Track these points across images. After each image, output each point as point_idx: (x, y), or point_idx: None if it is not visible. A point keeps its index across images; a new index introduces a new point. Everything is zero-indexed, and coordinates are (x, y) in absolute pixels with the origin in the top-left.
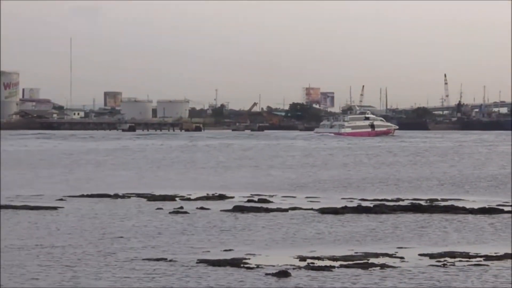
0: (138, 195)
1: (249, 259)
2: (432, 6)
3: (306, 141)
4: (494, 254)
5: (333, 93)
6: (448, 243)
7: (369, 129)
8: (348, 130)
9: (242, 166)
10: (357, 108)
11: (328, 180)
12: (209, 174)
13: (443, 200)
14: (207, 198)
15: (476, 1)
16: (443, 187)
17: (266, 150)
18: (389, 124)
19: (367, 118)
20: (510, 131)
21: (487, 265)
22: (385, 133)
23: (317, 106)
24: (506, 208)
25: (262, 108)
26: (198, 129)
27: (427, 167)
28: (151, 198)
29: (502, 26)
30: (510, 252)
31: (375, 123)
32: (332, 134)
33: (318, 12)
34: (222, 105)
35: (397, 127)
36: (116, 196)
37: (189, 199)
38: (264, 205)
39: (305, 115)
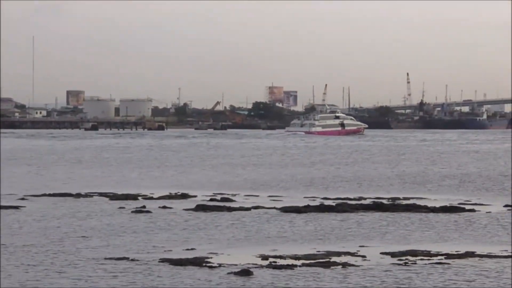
0: (101, 194)
1: (211, 258)
2: (395, 5)
3: (272, 140)
4: (456, 253)
5: (296, 92)
6: (410, 241)
7: (339, 128)
8: (319, 129)
9: (206, 165)
10: (327, 107)
11: (291, 179)
12: (173, 173)
13: (405, 198)
14: (170, 197)
15: (438, 1)
16: (406, 186)
17: (231, 148)
18: (358, 123)
19: (337, 117)
20: (472, 130)
21: (449, 264)
22: (355, 132)
23: (280, 105)
24: (467, 207)
25: (225, 107)
26: (161, 128)
27: (390, 165)
28: (114, 197)
29: (464, 25)
30: (471, 250)
31: (345, 122)
32: (303, 133)
33: (281, 11)
34: (185, 104)
35: (367, 126)
36: (78, 195)
37: (151, 198)
38: (227, 204)
39: (268, 114)
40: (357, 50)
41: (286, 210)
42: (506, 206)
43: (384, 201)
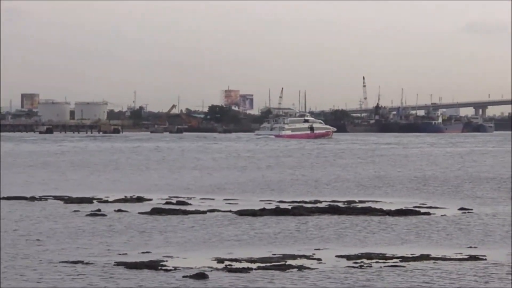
0: (56, 197)
1: (167, 261)
2: (352, 9)
3: (238, 143)
4: (411, 255)
5: (252, 95)
6: (365, 244)
7: (309, 132)
8: (288, 133)
9: (162, 168)
10: (297, 111)
11: (247, 182)
12: (129, 176)
13: (361, 202)
14: (125, 200)
15: (393, 5)
16: (361, 189)
17: (190, 152)
18: (327, 126)
19: (306, 121)
20: (427, 133)
21: (404, 266)
22: (324, 135)
23: (236, 109)
24: (422, 210)
25: (181, 110)
26: (116, 131)
27: (348, 168)
28: (68, 200)
29: (420, 30)
30: (426, 253)
31: (314, 125)
32: (273, 136)
33: (237, 14)
34: (141, 107)
35: (335, 129)
36: (33, 198)
37: (107, 202)
38: (182, 207)
39: (224, 118)
40: (313, 54)
41: (242, 213)
42: (461, 209)
43: (340, 204)
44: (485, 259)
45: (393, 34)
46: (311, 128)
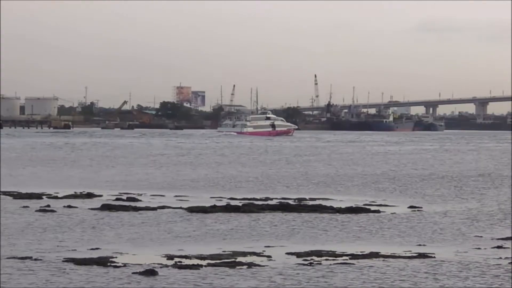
0: (4, 193)
1: (116, 257)
2: (303, 8)
3: (197, 140)
4: (360, 253)
5: (204, 92)
6: (315, 242)
7: (270, 129)
8: (250, 130)
9: (114, 164)
10: (259, 108)
11: (199, 179)
12: (79, 172)
13: (311, 199)
14: (75, 196)
15: (345, 3)
16: (312, 186)
17: (143, 148)
18: (289, 124)
19: (268, 118)
20: (378, 132)
21: (353, 264)
22: (286, 133)
23: (188, 105)
24: (372, 208)
25: (132, 107)
26: (67, 126)
27: (299, 166)
28: (17, 196)
29: (370, 29)
30: (375, 250)
31: (276, 123)
32: (235, 133)
33: (190, 11)
34: (92, 103)
35: (296, 126)
36: None
37: (56, 197)
38: (133, 204)
39: (175, 114)
40: (265, 51)
41: (192, 210)
42: (410, 207)
43: (291, 202)
44: (434, 257)
45: (345, 33)
46: (273, 126)
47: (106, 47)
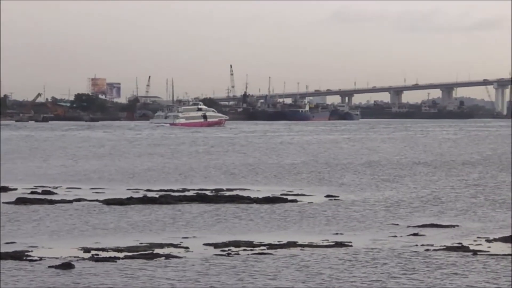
0: None
1: (32, 251)
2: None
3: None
4: (278, 243)
5: (119, 83)
6: (233, 232)
7: (202, 120)
8: (183, 121)
9: (29, 157)
10: (190, 100)
11: (115, 171)
12: None
13: (228, 190)
14: None
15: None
16: (229, 177)
17: (74, 141)
18: (220, 115)
19: (199, 109)
20: (294, 121)
21: (271, 254)
22: (217, 123)
23: (103, 97)
24: (290, 197)
25: (46, 99)
26: None
27: (218, 156)
28: None
29: (286, 18)
30: (293, 240)
31: (208, 114)
32: (168, 125)
33: (103, 1)
34: (5, 96)
35: (228, 117)
36: None
37: None
38: (48, 197)
39: (91, 106)
40: (180, 42)
41: (108, 202)
42: (327, 196)
43: (208, 193)
44: (351, 245)
45: (260, 23)
46: (205, 117)
47: (19, 39)
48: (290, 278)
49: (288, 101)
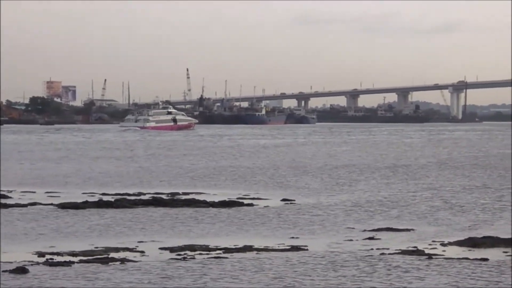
0: None
1: None
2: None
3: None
4: (234, 247)
5: (74, 86)
6: (189, 236)
7: (172, 123)
8: (153, 124)
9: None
10: (160, 103)
11: (70, 175)
12: None
13: (184, 193)
14: None
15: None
16: (186, 180)
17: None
18: (190, 118)
19: (169, 113)
20: (251, 125)
21: (227, 258)
22: (187, 127)
23: (59, 100)
24: (246, 201)
25: (1, 102)
26: None
27: (172, 160)
28: None
29: (244, 21)
30: (249, 244)
31: (177, 117)
32: (138, 128)
33: (59, 4)
34: None
35: (197, 121)
36: None
37: None
38: (2, 201)
39: (46, 109)
40: (137, 44)
41: (64, 206)
42: (283, 200)
43: (164, 196)
44: (307, 249)
45: (217, 25)
46: (174, 120)
47: None
48: (247, 281)
49: (245, 104)
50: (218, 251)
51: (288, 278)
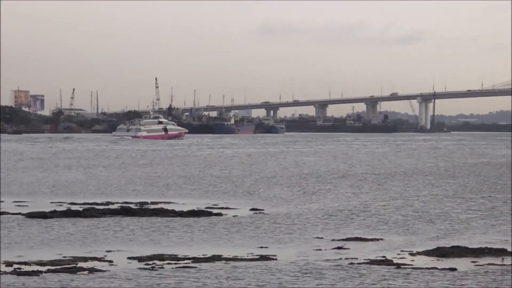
0: None
1: None
2: (144, 10)
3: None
4: (203, 256)
5: (43, 96)
6: (157, 246)
7: (163, 133)
8: (144, 134)
9: None
10: (151, 113)
11: (38, 183)
12: None
13: (153, 203)
14: None
15: (186, 4)
16: (154, 190)
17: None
18: (180, 128)
19: (160, 122)
20: (219, 135)
21: (195, 267)
22: (177, 136)
23: (27, 109)
24: (214, 211)
25: None
26: None
27: (143, 169)
28: None
29: (212, 30)
30: (218, 253)
31: (168, 127)
32: (130, 137)
33: (23, 12)
34: None
35: (187, 130)
36: None
37: None
38: None
39: (14, 118)
40: (104, 53)
41: (31, 215)
42: (252, 209)
43: (132, 206)
44: (276, 259)
45: (186, 35)
46: (165, 130)
47: None
48: None
49: (214, 114)
50: (186, 261)
51: (259, 286)
